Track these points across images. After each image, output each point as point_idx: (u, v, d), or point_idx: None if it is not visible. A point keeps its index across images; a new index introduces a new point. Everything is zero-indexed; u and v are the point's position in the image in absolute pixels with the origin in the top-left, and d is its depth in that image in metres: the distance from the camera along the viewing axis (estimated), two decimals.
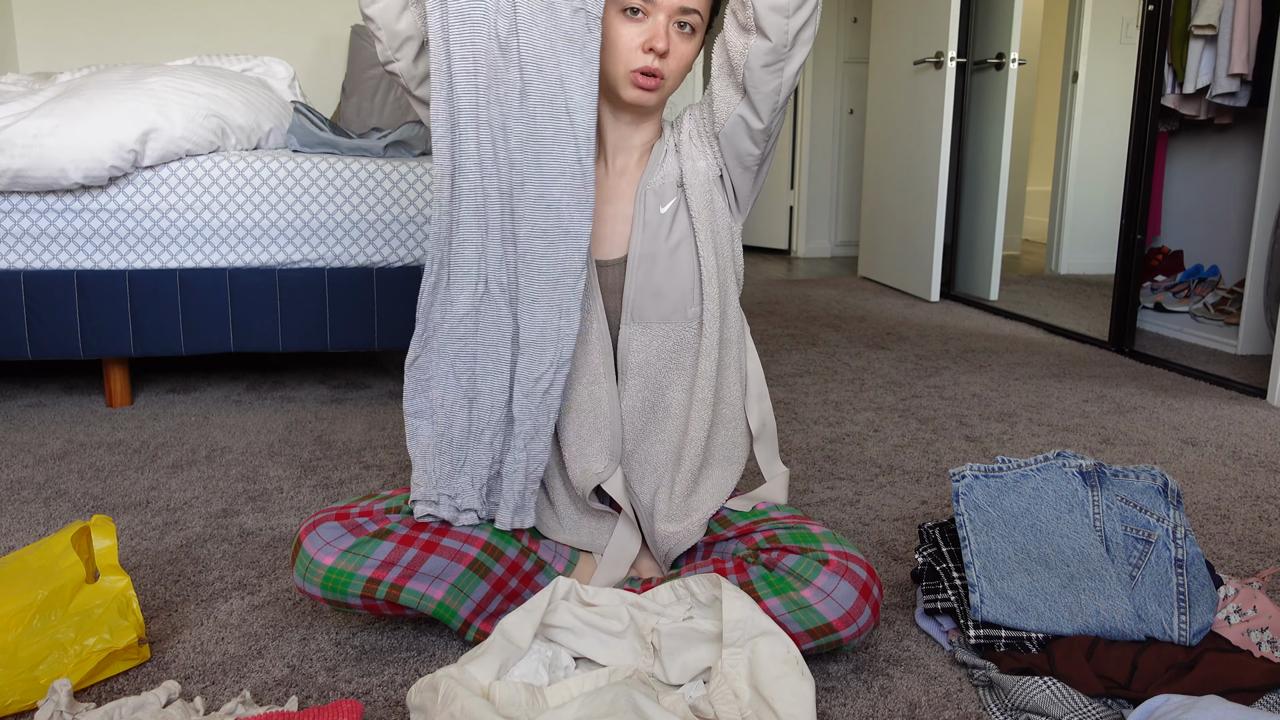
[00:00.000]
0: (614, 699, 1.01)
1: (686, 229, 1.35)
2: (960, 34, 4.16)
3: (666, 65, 1.27)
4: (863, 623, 1.22)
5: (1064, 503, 1.35)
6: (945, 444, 2.27)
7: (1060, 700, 1.17)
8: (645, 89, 1.28)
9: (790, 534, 1.29)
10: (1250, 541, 1.73)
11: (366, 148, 2.54)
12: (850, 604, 1.20)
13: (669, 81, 1.30)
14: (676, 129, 1.39)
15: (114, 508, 1.85)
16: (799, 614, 1.20)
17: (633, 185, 1.38)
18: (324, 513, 1.29)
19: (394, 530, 1.27)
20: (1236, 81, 3.43)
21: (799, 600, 1.20)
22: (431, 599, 1.27)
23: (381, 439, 2.27)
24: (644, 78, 1.28)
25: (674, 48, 1.27)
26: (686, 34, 1.28)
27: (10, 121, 2.23)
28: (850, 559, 1.23)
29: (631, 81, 1.28)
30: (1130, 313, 3.27)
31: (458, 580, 1.28)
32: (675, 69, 1.29)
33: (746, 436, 1.42)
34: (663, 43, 1.25)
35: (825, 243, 5.92)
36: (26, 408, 2.51)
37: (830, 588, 1.20)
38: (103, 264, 2.37)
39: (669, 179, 1.37)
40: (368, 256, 2.46)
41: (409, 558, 1.26)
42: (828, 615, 1.20)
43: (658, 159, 1.38)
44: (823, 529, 1.30)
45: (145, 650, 1.30)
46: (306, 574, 1.25)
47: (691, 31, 1.28)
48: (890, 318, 3.87)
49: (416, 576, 1.26)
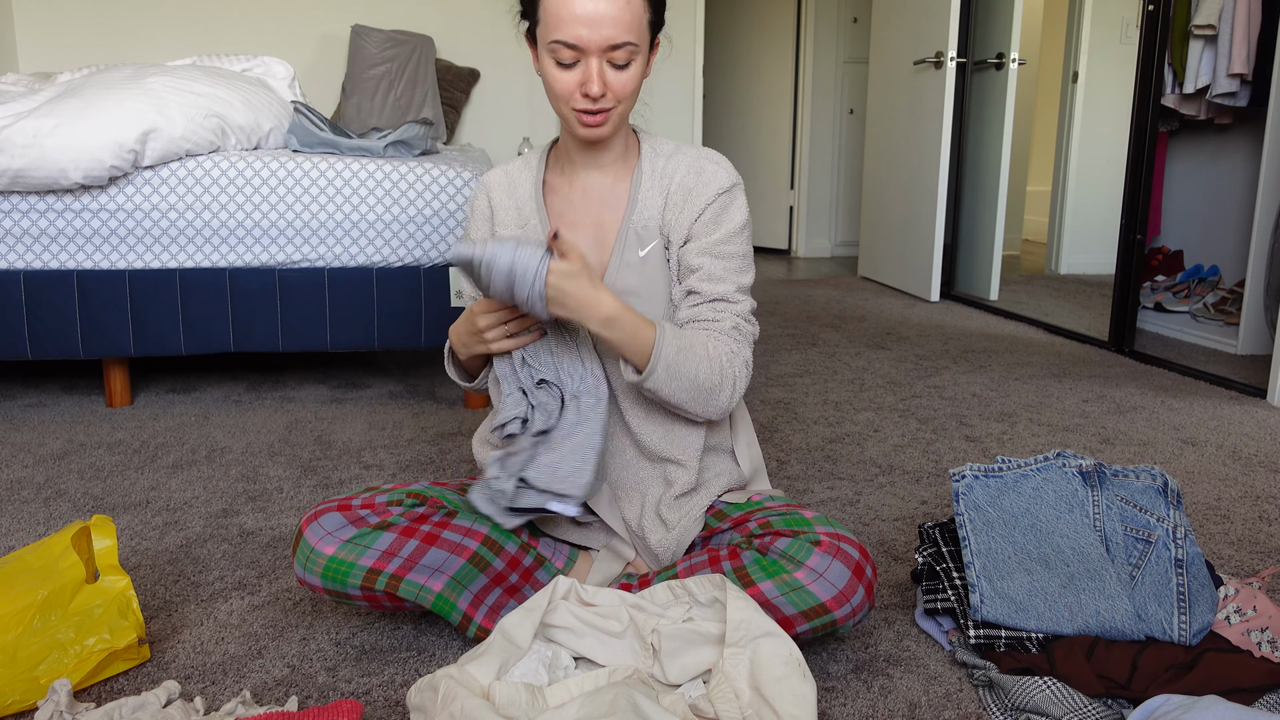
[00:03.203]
0: (614, 699, 1.01)
1: (663, 277, 1.37)
2: (960, 34, 4.16)
3: (608, 100, 1.28)
4: (856, 602, 1.21)
5: (1064, 503, 1.35)
6: (945, 444, 2.27)
7: (1060, 700, 1.17)
8: (592, 126, 1.30)
9: (783, 519, 1.30)
10: (1250, 541, 1.73)
11: (366, 148, 2.53)
12: (843, 584, 1.20)
13: (618, 109, 1.30)
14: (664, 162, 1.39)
15: (114, 508, 1.85)
16: (792, 595, 1.20)
17: (604, 208, 1.39)
18: (326, 504, 1.29)
19: (395, 522, 1.28)
20: (1236, 81, 3.43)
21: (792, 582, 1.20)
22: (430, 591, 1.28)
23: (381, 439, 2.27)
24: (588, 116, 1.29)
25: (611, 84, 1.27)
26: (621, 67, 1.27)
27: (10, 121, 2.23)
28: (842, 539, 1.23)
29: (578, 121, 1.30)
30: (1130, 313, 3.27)
31: (457, 573, 1.28)
32: (621, 97, 1.29)
33: (736, 463, 1.45)
34: (595, 86, 1.25)
35: (825, 243, 5.91)
36: (26, 408, 2.51)
37: (823, 568, 1.20)
38: (103, 264, 2.37)
39: (652, 220, 1.37)
40: (368, 256, 2.46)
41: (409, 549, 1.26)
42: (821, 595, 1.20)
43: (641, 188, 1.38)
44: (815, 513, 1.30)
45: (145, 650, 1.30)
46: (307, 563, 1.25)
47: (627, 62, 1.27)
48: (890, 318, 3.87)
49: (417, 568, 1.26)
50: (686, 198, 1.36)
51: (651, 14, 1.29)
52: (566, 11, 1.23)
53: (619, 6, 1.24)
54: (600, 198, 1.40)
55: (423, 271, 2.48)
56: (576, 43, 1.24)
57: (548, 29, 1.26)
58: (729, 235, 1.36)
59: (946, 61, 4.05)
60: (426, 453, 2.18)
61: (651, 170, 1.39)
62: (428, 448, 2.21)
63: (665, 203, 1.37)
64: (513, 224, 1.42)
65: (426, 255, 2.47)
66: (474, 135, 4.53)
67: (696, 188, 1.36)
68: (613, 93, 1.27)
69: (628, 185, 1.40)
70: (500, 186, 1.46)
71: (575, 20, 1.23)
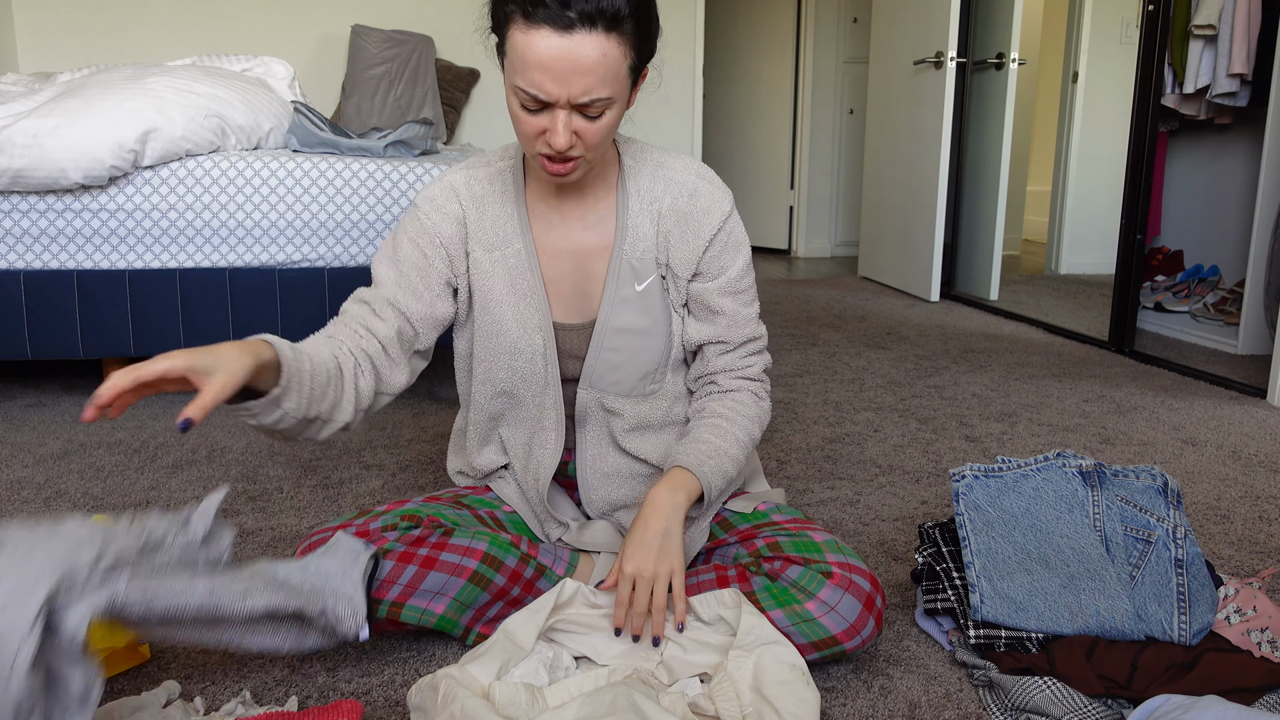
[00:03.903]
0: (614, 699, 1.01)
1: (663, 311, 1.32)
2: (960, 34, 4.16)
3: (576, 150, 1.14)
4: (866, 634, 1.22)
5: (1064, 503, 1.35)
6: (945, 444, 2.27)
7: (1060, 700, 1.17)
8: (556, 174, 1.17)
9: (793, 542, 1.28)
10: (1250, 541, 1.73)
11: (366, 148, 2.54)
12: (854, 617, 1.20)
13: (587, 157, 1.16)
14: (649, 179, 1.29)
15: (114, 508, 1.85)
16: (803, 626, 1.20)
17: (587, 228, 1.30)
18: (320, 534, 1.27)
19: (392, 549, 1.25)
20: (1236, 81, 3.42)
21: (803, 613, 1.20)
22: (433, 614, 1.27)
23: (381, 439, 2.27)
24: (551, 163, 1.16)
25: (581, 134, 1.12)
26: (594, 117, 1.12)
27: (10, 121, 2.23)
28: (854, 570, 1.22)
29: (541, 165, 1.17)
30: (1130, 313, 3.27)
31: (459, 594, 1.27)
32: (591, 146, 1.14)
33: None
34: (561, 139, 1.10)
35: (825, 243, 5.91)
36: (26, 408, 2.51)
37: (834, 601, 1.20)
38: (103, 264, 2.37)
39: (647, 252, 1.29)
40: (367, 256, 2.46)
41: (408, 576, 1.24)
42: (832, 629, 1.20)
43: (630, 213, 1.29)
44: (825, 536, 1.29)
45: (145, 650, 1.30)
46: None
47: (600, 113, 1.12)
48: (890, 318, 3.87)
49: (417, 594, 1.25)
50: (684, 225, 1.29)
51: (634, 58, 1.12)
52: (532, 57, 1.06)
53: (592, 58, 1.06)
54: (581, 217, 1.30)
55: None
56: (541, 94, 1.08)
57: (512, 68, 1.10)
58: (744, 269, 1.33)
59: (946, 61, 4.05)
60: (426, 453, 2.18)
61: (637, 190, 1.30)
62: (428, 448, 2.21)
63: (657, 230, 1.29)
64: (489, 243, 1.31)
65: None
66: (474, 135, 4.53)
67: (694, 214, 1.29)
68: (583, 143, 1.14)
69: (611, 204, 1.30)
70: (469, 195, 1.31)
71: (541, 69, 1.06)
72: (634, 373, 1.32)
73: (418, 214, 1.31)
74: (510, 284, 1.31)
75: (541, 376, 1.32)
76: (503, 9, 1.10)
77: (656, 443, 1.37)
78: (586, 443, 1.37)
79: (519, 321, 1.31)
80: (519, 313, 1.31)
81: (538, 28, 1.05)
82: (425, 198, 1.32)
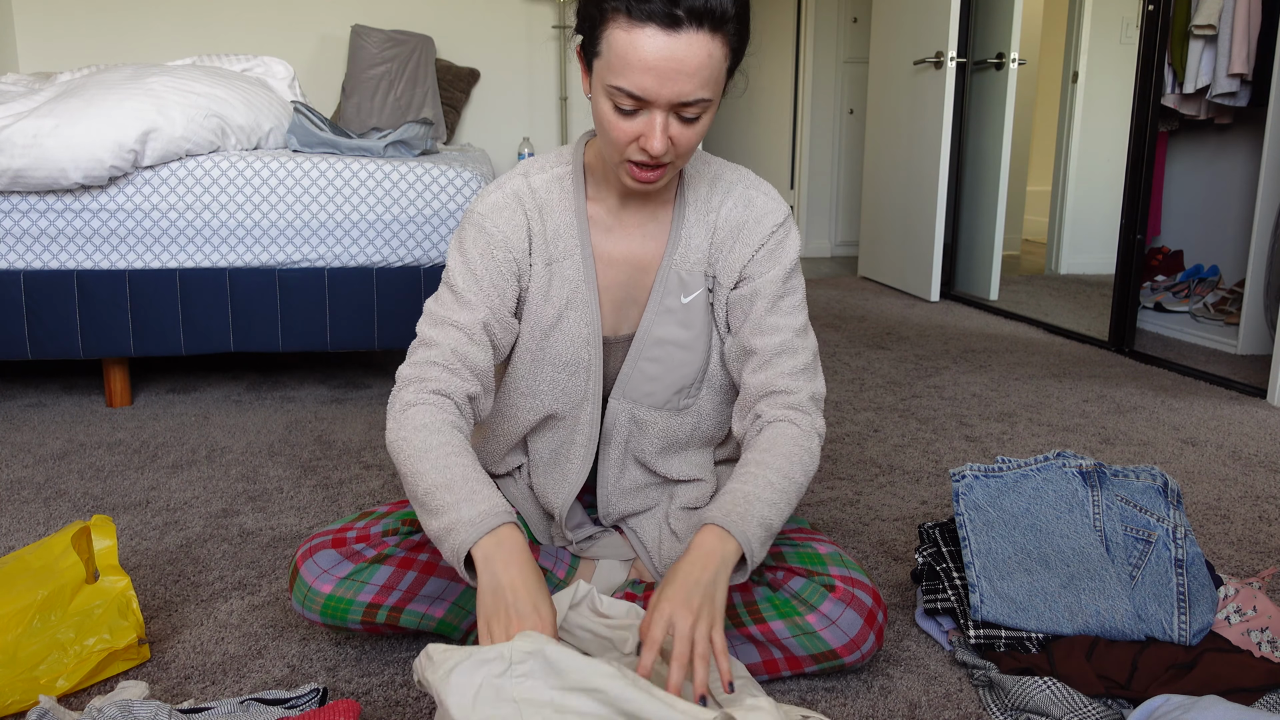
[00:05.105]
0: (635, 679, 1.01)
1: (705, 326, 1.26)
2: (960, 34, 4.16)
3: (669, 156, 1.10)
4: (866, 649, 1.22)
5: (1064, 503, 1.35)
6: (945, 444, 2.27)
7: (1060, 700, 1.17)
8: (645, 181, 1.12)
9: (797, 553, 1.27)
10: (1250, 541, 1.73)
11: (366, 148, 2.54)
12: (855, 632, 1.20)
13: (675, 164, 1.12)
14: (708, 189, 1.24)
15: (114, 508, 1.85)
16: (803, 639, 1.20)
17: (644, 236, 1.25)
18: (320, 537, 1.27)
19: (392, 554, 1.24)
20: (1236, 81, 3.42)
21: (804, 625, 1.20)
22: (433, 618, 1.27)
23: (381, 439, 2.27)
24: (641, 170, 1.11)
25: (676, 140, 1.08)
26: (690, 120, 1.08)
27: (10, 121, 2.24)
28: (857, 585, 1.22)
29: (628, 172, 1.12)
30: (1130, 313, 3.27)
31: (459, 598, 1.27)
32: (684, 153, 1.11)
33: None
34: (658, 144, 1.06)
35: (825, 243, 5.91)
36: (26, 408, 2.51)
37: (835, 615, 1.20)
38: (103, 264, 2.37)
39: (697, 265, 1.24)
40: (368, 256, 2.46)
41: (408, 581, 1.24)
42: (832, 643, 1.20)
43: (686, 222, 1.24)
44: (830, 549, 1.28)
45: (145, 650, 1.30)
46: (305, 601, 1.23)
47: (698, 116, 1.08)
48: (890, 318, 3.87)
49: (417, 599, 1.25)
50: (736, 234, 1.24)
51: (732, 60, 1.09)
52: (635, 56, 1.02)
53: (699, 58, 1.03)
54: (640, 225, 1.25)
55: (423, 271, 2.48)
56: (642, 95, 1.04)
57: (609, 68, 1.05)
58: (784, 275, 1.24)
59: (946, 61, 4.05)
60: None
61: (695, 200, 1.24)
62: None
63: (711, 241, 1.24)
64: (550, 254, 1.24)
65: (426, 255, 2.47)
66: (474, 135, 4.53)
67: (747, 223, 1.24)
68: (675, 149, 1.09)
69: (669, 213, 1.25)
70: (532, 203, 1.23)
71: (645, 68, 1.02)
72: (670, 385, 1.28)
73: (483, 224, 1.22)
74: (566, 296, 1.24)
75: (582, 391, 1.28)
76: (599, 7, 1.05)
77: (681, 460, 1.34)
78: (610, 456, 1.32)
79: (569, 336, 1.25)
80: (571, 326, 1.25)
81: (643, 26, 1.02)
82: (489, 206, 1.23)
